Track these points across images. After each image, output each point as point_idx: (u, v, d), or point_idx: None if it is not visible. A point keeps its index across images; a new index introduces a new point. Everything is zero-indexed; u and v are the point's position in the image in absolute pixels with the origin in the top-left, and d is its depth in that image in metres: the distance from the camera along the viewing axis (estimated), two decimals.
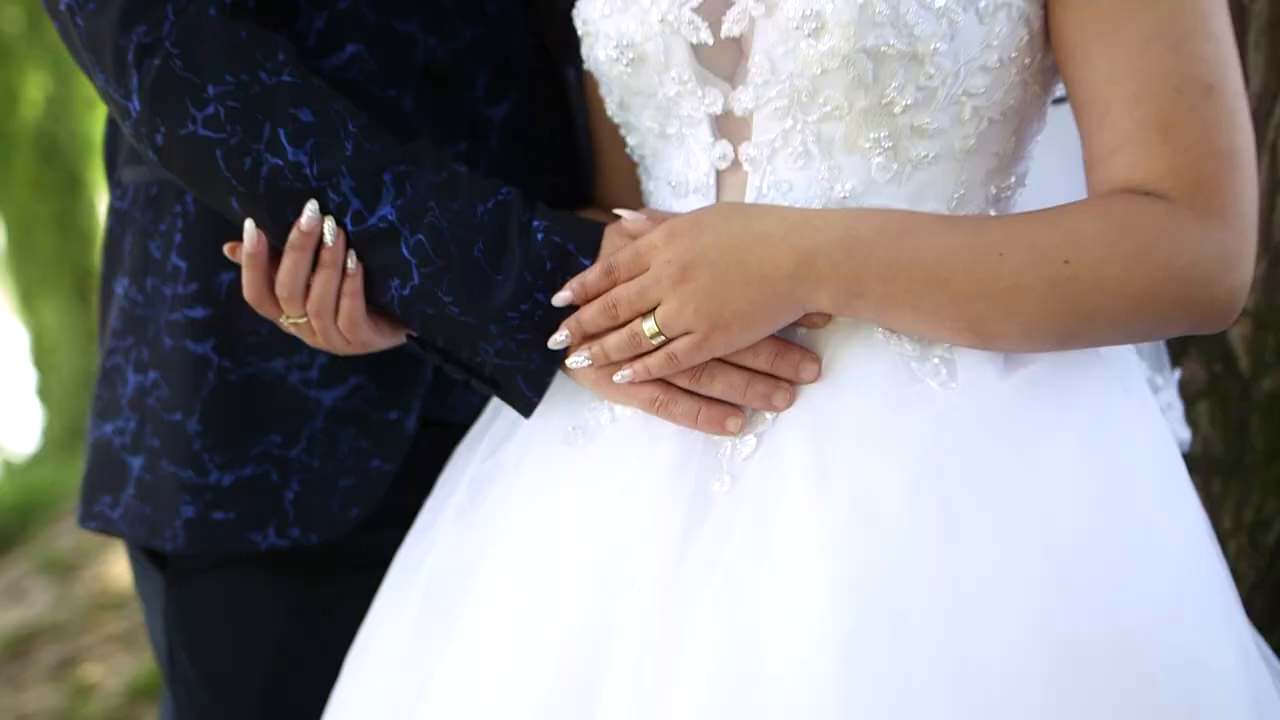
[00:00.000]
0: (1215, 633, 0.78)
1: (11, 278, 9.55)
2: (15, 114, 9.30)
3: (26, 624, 4.14)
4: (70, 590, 4.44)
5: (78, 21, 0.93)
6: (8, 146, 9.17)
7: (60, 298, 9.55)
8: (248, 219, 0.90)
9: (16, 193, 9.30)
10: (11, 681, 3.74)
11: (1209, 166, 0.80)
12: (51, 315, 9.66)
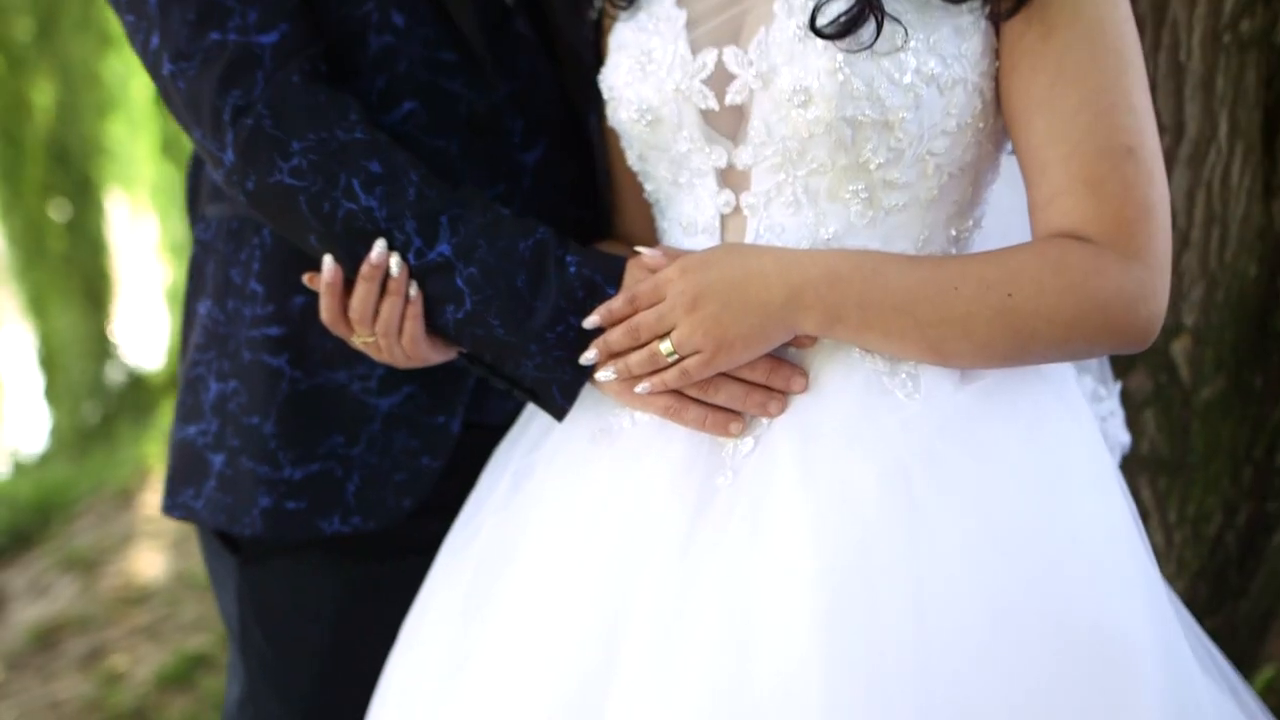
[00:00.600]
0: (1132, 603, 0.95)
1: (20, 282, 9.62)
2: (25, 120, 9.39)
3: (53, 617, 4.27)
4: (94, 585, 4.57)
5: (179, 85, 1.09)
6: (18, 152, 9.26)
7: (70, 302, 9.62)
8: (326, 254, 1.07)
9: (27, 199, 9.39)
10: (41, 672, 3.89)
11: (1129, 215, 0.97)
12: (60, 319, 9.73)
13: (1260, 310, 1.49)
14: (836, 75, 0.96)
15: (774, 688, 0.90)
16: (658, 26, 1.07)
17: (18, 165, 9.44)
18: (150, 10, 1.10)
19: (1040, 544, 0.95)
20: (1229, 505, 1.56)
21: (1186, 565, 1.58)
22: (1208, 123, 1.39)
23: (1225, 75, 1.39)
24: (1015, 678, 0.90)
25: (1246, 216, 1.45)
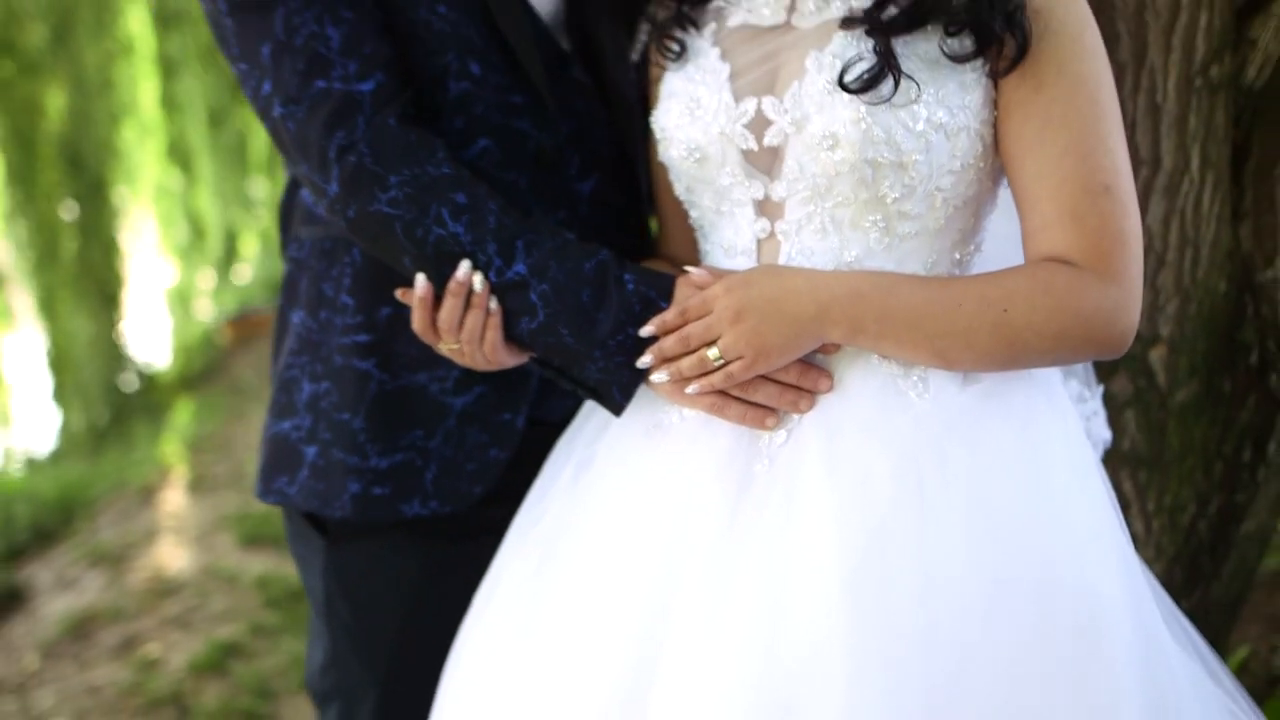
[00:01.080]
0: (1107, 571, 1.12)
1: (32, 283, 9.72)
2: (38, 125, 9.51)
3: (85, 608, 4.41)
4: (121, 578, 4.70)
5: (289, 125, 1.27)
6: (31, 156, 9.38)
7: (81, 303, 9.72)
8: (418, 273, 1.24)
9: (39, 202, 9.51)
10: (76, 660, 4.03)
11: (1106, 244, 1.14)
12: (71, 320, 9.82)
13: (1229, 323, 1.67)
14: (860, 124, 1.14)
15: (805, 642, 1.07)
16: (704, 78, 1.24)
17: (30, 169, 9.54)
18: (263, 60, 1.27)
19: (1029, 523, 1.12)
20: (1201, 497, 1.73)
21: (1164, 551, 1.75)
22: (1181, 157, 1.56)
23: (1197, 115, 1.56)
24: (1009, 635, 1.07)
25: (1216, 239, 1.63)
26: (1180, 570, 1.78)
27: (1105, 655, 1.06)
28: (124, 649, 4.01)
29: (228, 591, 4.31)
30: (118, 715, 3.48)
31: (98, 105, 9.85)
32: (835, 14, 1.20)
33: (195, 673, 3.65)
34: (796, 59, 1.20)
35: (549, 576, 1.25)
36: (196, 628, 4.04)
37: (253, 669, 3.60)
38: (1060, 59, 1.15)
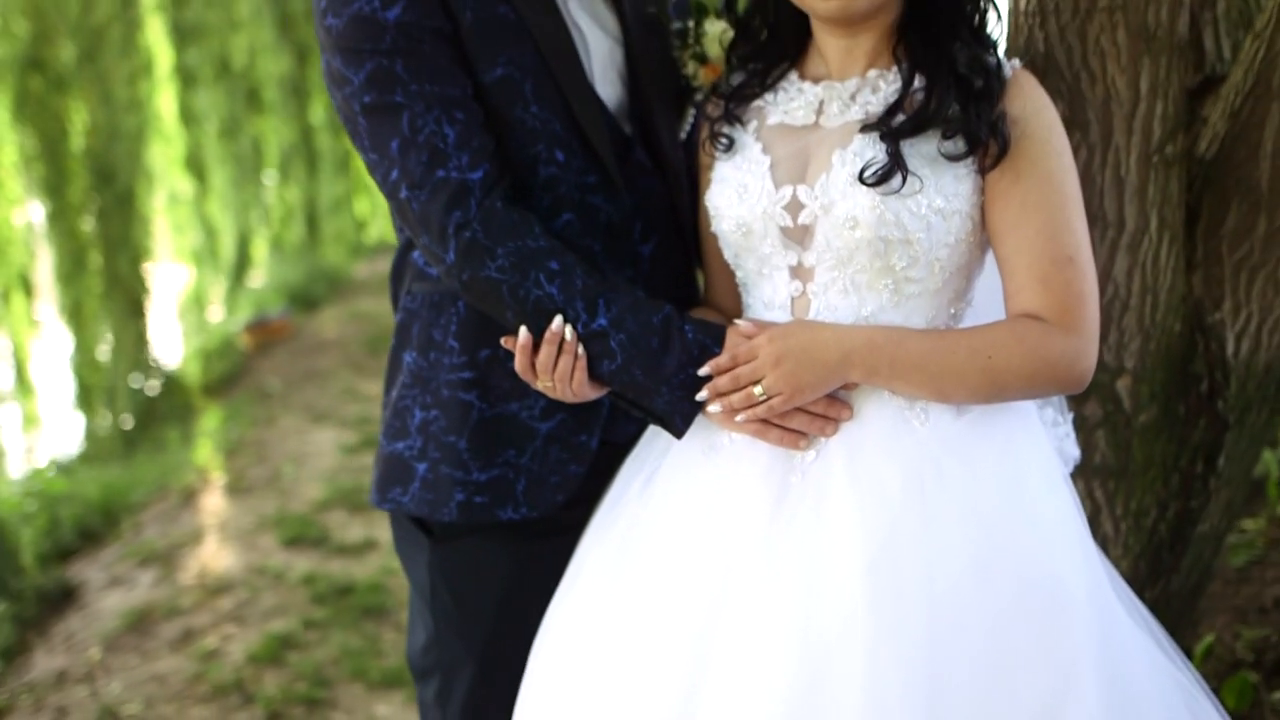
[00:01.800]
0: (1071, 561, 1.42)
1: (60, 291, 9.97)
2: (67, 139, 9.80)
3: (142, 605, 4.71)
4: (172, 577, 4.99)
5: (414, 206, 1.57)
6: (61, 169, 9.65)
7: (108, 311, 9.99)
8: (520, 325, 1.54)
9: (69, 215, 9.77)
10: (138, 651, 4.32)
11: (1069, 304, 1.45)
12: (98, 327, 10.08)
13: (1183, 357, 1.97)
14: (875, 210, 1.44)
15: (835, 615, 1.37)
16: (750, 167, 1.55)
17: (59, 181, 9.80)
18: (392, 153, 1.57)
19: (1010, 524, 1.43)
20: (1161, 503, 2.04)
21: (1130, 549, 2.06)
22: (1142, 220, 1.87)
23: (1155, 185, 1.87)
24: (994, 609, 1.37)
25: (1172, 287, 1.93)
26: (1145, 565, 2.08)
27: (1067, 625, 1.37)
28: (182, 642, 4.29)
29: (276, 589, 4.60)
30: (185, 701, 3.77)
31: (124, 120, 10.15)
32: (855, 117, 1.51)
33: (254, 663, 3.94)
34: (824, 154, 1.50)
35: (624, 566, 1.56)
36: (250, 622, 4.33)
37: (308, 659, 3.90)
38: (1033, 157, 1.46)
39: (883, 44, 1.54)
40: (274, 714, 3.55)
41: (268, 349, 10.71)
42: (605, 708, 1.50)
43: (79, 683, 4.17)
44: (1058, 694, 1.36)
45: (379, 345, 9.66)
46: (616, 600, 1.54)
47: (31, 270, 10.09)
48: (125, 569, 5.44)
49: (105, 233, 9.88)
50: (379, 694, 3.64)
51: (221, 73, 14.08)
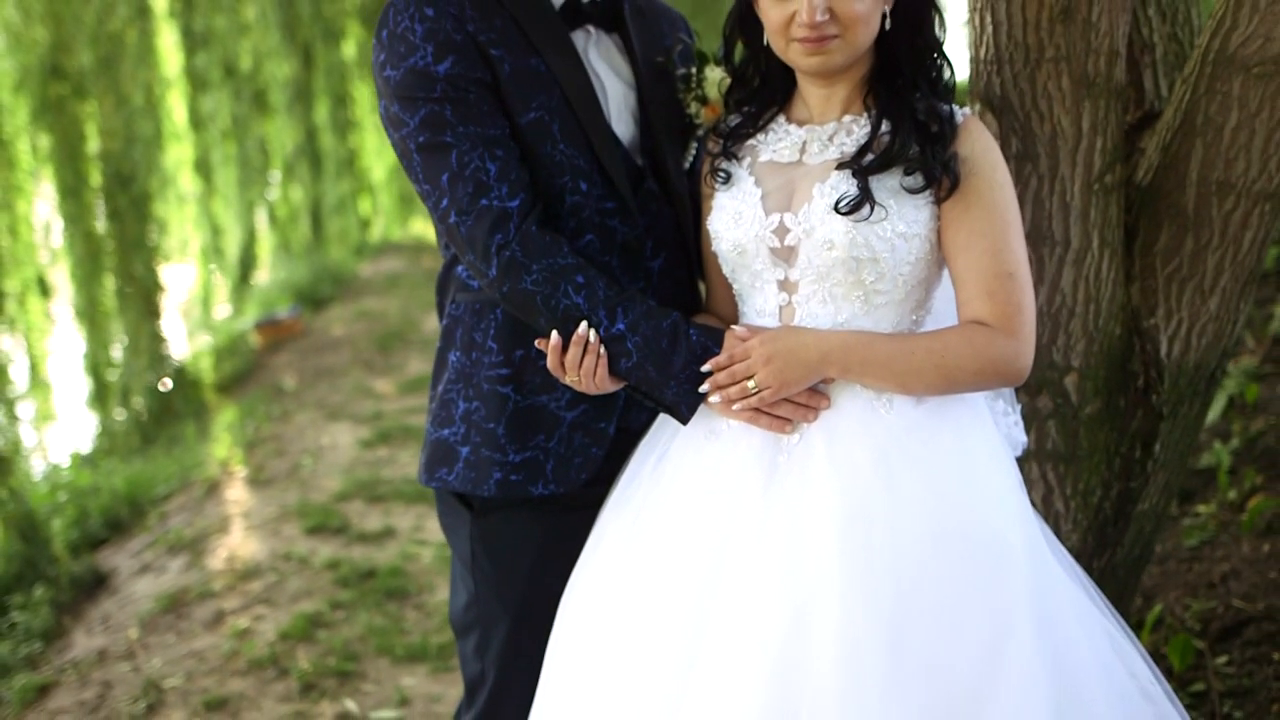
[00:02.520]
0: (1010, 523, 1.71)
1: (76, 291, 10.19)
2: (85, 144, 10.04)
3: (175, 589, 4.99)
4: (201, 563, 5.27)
5: (461, 230, 1.86)
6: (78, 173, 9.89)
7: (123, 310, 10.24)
8: (551, 329, 1.84)
9: (86, 217, 10.01)
10: (174, 631, 4.61)
11: (1009, 312, 1.74)
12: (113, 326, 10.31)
13: (1122, 357, 2.26)
14: (849, 234, 1.74)
15: (814, 566, 1.67)
16: (744, 197, 1.84)
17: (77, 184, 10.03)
18: (442, 184, 1.86)
19: (959, 494, 1.72)
20: (1105, 484, 2.33)
21: (1079, 524, 2.35)
22: (1086, 239, 2.16)
23: (1096, 209, 2.16)
24: (947, 561, 1.66)
25: (1112, 297, 2.22)
26: (1092, 539, 2.38)
27: (1006, 577, 1.66)
28: (216, 622, 4.58)
29: (301, 573, 4.89)
30: (223, 675, 4.06)
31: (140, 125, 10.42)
32: (832, 156, 1.80)
33: (285, 640, 4.22)
34: (806, 187, 1.80)
35: (639, 533, 1.85)
36: (279, 604, 4.62)
37: (336, 636, 4.19)
38: (980, 191, 1.75)
39: (855, 94, 1.84)
40: (308, 685, 3.84)
41: (278, 347, 10.99)
42: (626, 651, 1.79)
43: (120, 660, 4.46)
44: (999, 632, 1.65)
45: (388, 344, 9.96)
46: (633, 561, 1.84)
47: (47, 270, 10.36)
48: (154, 556, 5.73)
49: (121, 234, 10.11)
50: (404, 667, 3.93)
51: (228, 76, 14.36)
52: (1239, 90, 2.08)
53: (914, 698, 1.63)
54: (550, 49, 1.93)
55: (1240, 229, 2.18)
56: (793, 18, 1.76)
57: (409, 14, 1.88)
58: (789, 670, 1.66)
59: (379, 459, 6.50)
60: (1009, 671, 1.64)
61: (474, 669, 2.11)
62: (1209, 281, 2.22)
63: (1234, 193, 2.14)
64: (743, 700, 1.63)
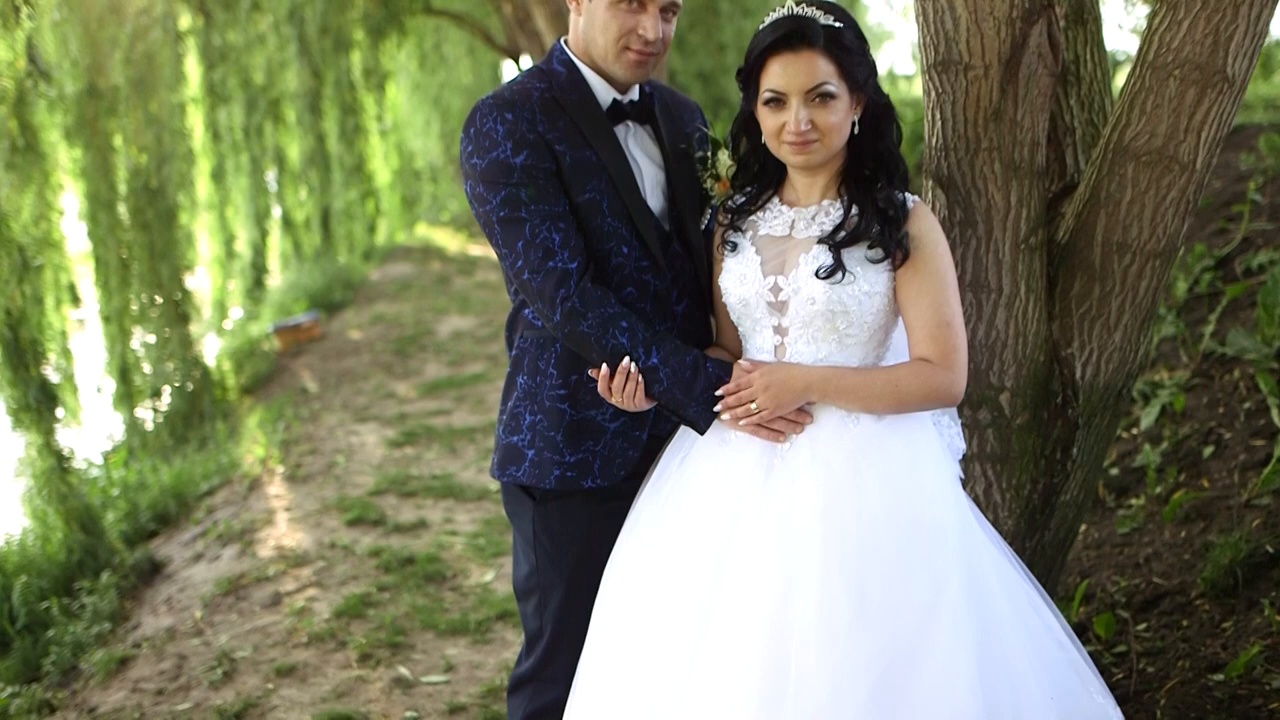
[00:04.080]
0: (947, 509, 2.30)
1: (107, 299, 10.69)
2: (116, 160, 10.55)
3: (232, 574, 5.57)
4: (252, 551, 5.84)
5: (533, 285, 2.44)
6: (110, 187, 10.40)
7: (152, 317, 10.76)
8: (602, 362, 2.42)
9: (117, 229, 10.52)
10: (235, 610, 5.17)
11: (947, 352, 2.33)
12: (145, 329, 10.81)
13: (1045, 379, 2.85)
14: (826, 293, 2.32)
15: (800, 541, 2.25)
16: (747, 263, 2.43)
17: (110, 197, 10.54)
18: (518, 250, 2.44)
19: (909, 487, 2.30)
20: (1034, 480, 2.92)
21: (1013, 512, 2.94)
22: (1015, 287, 2.75)
23: (1023, 263, 2.75)
24: (897, 538, 2.24)
25: (1037, 332, 2.81)
26: (1024, 524, 2.97)
27: (942, 550, 2.25)
28: (274, 603, 5.15)
29: (347, 560, 5.47)
30: (288, 647, 4.63)
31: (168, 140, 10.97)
32: (814, 233, 2.39)
33: (340, 617, 4.79)
34: (795, 256, 2.38)
35: (667, 517, 2.44)
36: (329, 587, 5.19)
37: (385, 614, 4.77)
38: (925, 260, 2.34)
39: (832, 183, 2.42)
40: (364, 655, 4.42)
41: (298, 351, 11.54)
42: (658, 608, 2.37)
43: (189, 636, 5.03)
44: (935, 592, 2.23)
45: (405, 348, 10.53)
46: (662, 539, 2.42)
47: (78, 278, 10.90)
48: (206, 546, 6.30)
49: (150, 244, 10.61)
50: (448, 639, 4.51)
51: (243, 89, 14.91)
52: (1132, 173, 2.68)
53: (873, 639, 2.21)
54: (600, 142, 2.52)
55: (1137, 279, 2.77)
56: (784, 126, 2.34)
57: (493, 117, 2.46)
58: (783, 618, 2.24)
59: (407, 457, 7.08)
60: (943, 621, 2.22)
61: (534, 625, 2.70)
62: (1113, 320, 2.81)
63: (1130, 252, 2.73)
64: (749, 637, 2.22)
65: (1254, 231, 5.05)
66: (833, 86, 2.30)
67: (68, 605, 5.91)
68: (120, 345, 10.62)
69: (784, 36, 2.31)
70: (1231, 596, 3.45)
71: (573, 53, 2.57)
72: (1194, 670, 3.24)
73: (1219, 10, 2.53)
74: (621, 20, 2.47)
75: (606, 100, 2.55)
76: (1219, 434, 4.14)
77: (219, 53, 13.70)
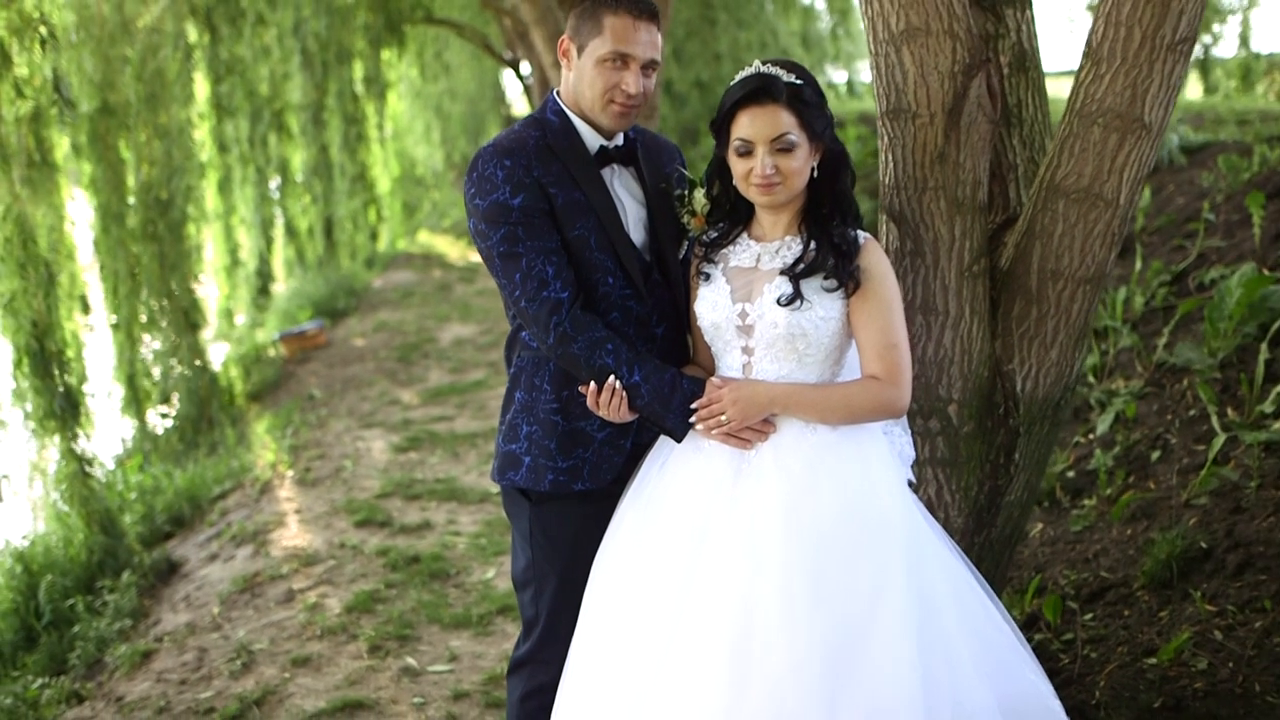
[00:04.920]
0: (895, 505, 2.62)
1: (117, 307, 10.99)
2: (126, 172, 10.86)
3: (247, 573, 5.89)
4: (265, 551, 6.17)
5: (529, 311, 2.77)
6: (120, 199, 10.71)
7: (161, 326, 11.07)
8: (591, 380, 2.75)
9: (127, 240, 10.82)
10: (251, 606, 5.49)
11: (893, 370, 2.65)
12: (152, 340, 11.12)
13: (989, 392, 3.18)
14: (787, 319, 2.65)
15: (767, 538, 2.57)
16: (719, 292, 2.75)
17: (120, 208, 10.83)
18: (516, 281, 2.77)
19: (861, 486, 2.63)
20: (980, 482, 3.25)
21: (962, 510, 3.27)
22: (960, 310, 3.07)
23: (968, 289, 3.08)
24: (848, 532, 2.57)
25: (981, 350, 3.14)
26: (972, 522, 3.30)
27: (888, 541, 2.57)
28: (288, 600, 5.47)
29: (356, 559, 5.80)
30: (302, 639, 4.96)
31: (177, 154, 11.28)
32: (777, 265, 2.72)
33: (350, 612, 5.12)
34: (759, 286, 2.71)
35: (649, 516, 2.76)
36: (340, 584, 5.52)
37: (393, 609, 5.09)
38: (874, 289, 2.67)
39: (793, 221, 2.75)
40: (375, 646, 4.74)
41: (304, 358, 11.86)
42: (641, 594, 2.70)
43: (208, 631, 5.35)
44: (881, 577, 2.55)
45: (408, 356, 10.86)
46: (644, 535, 2.75)
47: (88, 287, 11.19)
48: (220, 547, 6.62)
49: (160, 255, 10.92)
50: (452, 632, 4.84)
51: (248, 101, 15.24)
52: (1063, 209, 3.01)
53: (827, 619, 2.54)
54: (588, 185, 2.85)
55: (1070, 303, 3.10)
56: (751, 170, 2.67)
57: (493, 163, 2.79)
58: (750, 601, 2.56)
59: (411, 462, 7.41)
60: (887, 604, 2.55)
61: (530, 612, 3.03)
62: (1050, 339, 3.14)
63: (1063, 278, 3.07)
64: (721, 618, 2.55)
65: (1209, 248, 5.38)
66: (794, 136, 2.63)
67: (90, 603, 6.23)
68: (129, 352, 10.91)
69: (751, 92, 2.64)
70: (1168, 588, 3.78)
71: (564, 104, 2.90)
72: (1131, 654, 3.56)
73: (1136, 66, 2.86)
74: (607, 77, 2.80)
75: (594, 146, 2.88)
76: (1166, 439, 4.46)
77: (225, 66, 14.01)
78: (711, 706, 2.51)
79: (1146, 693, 3.36)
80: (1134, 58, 2.86)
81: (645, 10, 2.80)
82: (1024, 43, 3.29)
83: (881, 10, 2.97)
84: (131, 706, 4.67)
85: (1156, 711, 3.29)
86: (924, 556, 2.67)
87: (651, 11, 2.82)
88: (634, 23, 2.78)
